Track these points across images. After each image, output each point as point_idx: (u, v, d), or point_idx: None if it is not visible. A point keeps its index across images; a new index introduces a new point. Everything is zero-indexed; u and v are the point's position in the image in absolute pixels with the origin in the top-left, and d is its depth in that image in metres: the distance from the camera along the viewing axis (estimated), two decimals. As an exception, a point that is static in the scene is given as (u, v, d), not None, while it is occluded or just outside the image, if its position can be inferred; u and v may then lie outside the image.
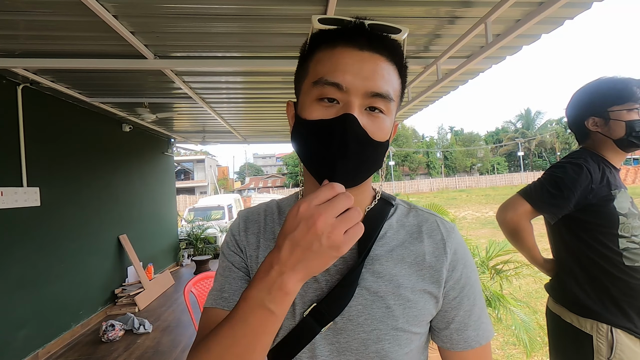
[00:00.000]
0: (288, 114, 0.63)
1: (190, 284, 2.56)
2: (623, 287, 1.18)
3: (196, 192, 35.01)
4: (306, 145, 0.55)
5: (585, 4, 2.17)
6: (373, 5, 2.27)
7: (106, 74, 3.27)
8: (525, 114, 48.02)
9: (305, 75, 0.57)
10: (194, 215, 9.78)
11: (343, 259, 0.59)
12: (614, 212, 1.20)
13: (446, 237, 0.61)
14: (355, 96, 0.51)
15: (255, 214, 0.70)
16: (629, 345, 1.15)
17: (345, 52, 0.52)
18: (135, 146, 5.72)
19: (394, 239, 0.61)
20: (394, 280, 0.58)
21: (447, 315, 0.60)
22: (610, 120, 1.25)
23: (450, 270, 0.59)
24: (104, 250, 4.69)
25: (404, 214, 0.65)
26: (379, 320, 0.56)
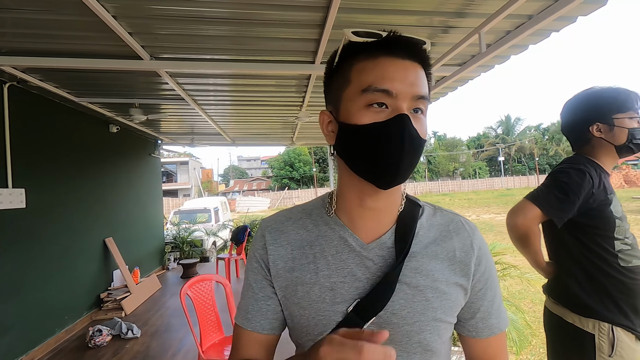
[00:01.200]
0: (322, 122, 0.66)
1: (185, 287, 2.54)
2: (620, 287, 1.25)
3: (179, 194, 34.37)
4: (360, 148, 0.58)
5: (570, 17, 2.30)
6: (369, 14, 2.32)
7: (97, 73, 3.21)
8: (506, 120, 49.44)
9: (346, 83, 0.60)
10: (180, 218, 9.63)
11: (383, 258, 0.62)
12: (610, 216, 1.27)
13: (472, 235, 0.67)
14: (404, 100, 0.56)
15: (280, 224, 0.71)
16: (628, 343, 1.22)
17: (389, 61, 0.57)
18: (122, 147, 5.61)
19: (426, 237, 0.66)
20: (430, 274, 0.62)
21: (474, 305, 0.66)
22: (614, 127, 1.32)
23: (477, 264, 0.65)
24: (90, 253, 4.58)
25: (431, 214, 0.69)
26: (420, 312, 0.60)
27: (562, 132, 1.51)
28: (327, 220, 0.67)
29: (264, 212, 24.73)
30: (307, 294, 0.63)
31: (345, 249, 0.64)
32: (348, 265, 0.63)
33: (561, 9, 1.84)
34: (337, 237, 0.65)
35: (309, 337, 0.63)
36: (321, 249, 0.65)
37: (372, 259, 0.62)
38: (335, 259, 0.64)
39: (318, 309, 0.62)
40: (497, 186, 37.93)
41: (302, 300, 0.63)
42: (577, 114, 1.41)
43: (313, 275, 0.64)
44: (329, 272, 0.63)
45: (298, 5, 2.19)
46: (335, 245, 0.65)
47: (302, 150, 40.87)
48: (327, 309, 0.61)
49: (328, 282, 0.62)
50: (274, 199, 34.02)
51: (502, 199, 24.34)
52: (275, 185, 41.97)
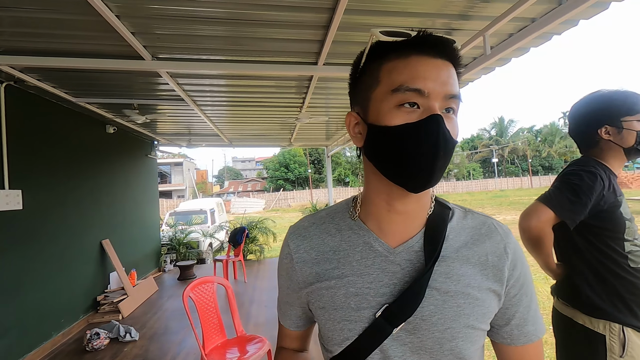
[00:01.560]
0: (348, 124, 0.64)
1: (188, 289, 2.51)
2: (630, 287, 1.26)
3: (173, 195, 34.14)
4: (391, 150, 0.57)
5: (573, 21, 2.32)
6: (373, 15, 2.33)
7: (96, 73, 3.18)
8: (499, 122, 49.85)
9: (375, 84, 0.58)
10: (175, 220, 9.55)
11: (411, 262, 0.61)
12: (620, 217, 1.28)
13: (505, 238, 0.64)
14: (436, 100, 0.55)
15: (303, 229, 0.71)
16: (637, 342, 1.23)
17: (421, 60, 0.55)
18: (118, 148, 5.55)
19: (457, 241, 0.64)
20: (462, 280, 0.60)
21: (508, 311, 0.63)
22: (623, 129, 1.33)
23: (511, 269, 0.62)
24: (87, 255, 4.52)
25: (461, 217, 0.67)
26: (452, 319, 0.58)
27: (569, 135, 1.51)
28: (351, 224, 0.66)
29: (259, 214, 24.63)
30: (331, 299, 0.63)
31: (371, 254, 0.63)
32: (374, 270, 0.62)
33: (566, 12, 1.85)
34: (362, 243, 0.64)
35: (334, 342, 0.62)
36: (345, 254, 0.64)
37: (400, 264, 0.61)
38: (360, 264, 0.63)
39: (343, 314, 0.61)
40: (491, 187, 38.22)
41: (327, 305, 0.63)
42: (586, 116, 1.42)
43: (338, 281, 0.63)
44: (354, 277, 0.62)
45: (304, 7, 2.19)
46: (360, 250, 0.64)
47: (297, 152, 40.82)
48: (352, 314, 0.60)
49: (353, 287, 0.61)
50: (269, 200, 33.90)
51: (496, 200, 24.53)
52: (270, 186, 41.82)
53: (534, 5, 2.08)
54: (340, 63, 3.03)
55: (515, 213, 16.24)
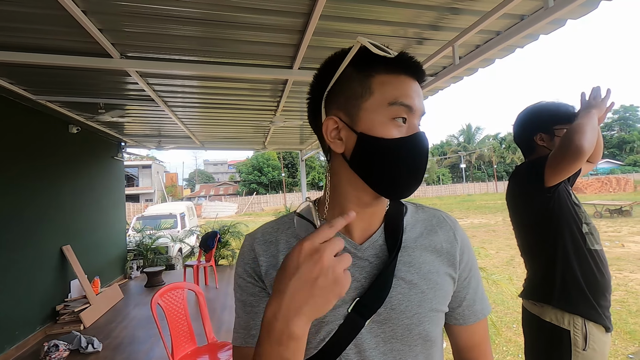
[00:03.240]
0: (326, 130, 0.63)
1: (157, 296, 2.42)
2: (589, 274, 1.36)
3: (141, 199, 32.90)
4: (383, 161, 0.59)
5: (534, 35, 2.47)
6: (348, 22, 2.38)
7: (60, 70, 3.02)
8: (467, 129, 51.93)
9: (367, 94, 0.60)
10: (143, 224, 9.18)
11: (377, 256, 0.64)
12: (571, 201, 1.42)
13: (454, 228, 0.72)
14: (418, 117, 0.62)
15: (268, 235, 0.69)
16: (599, 336, 1.33)
17: (409, 80, 0.62)
18: (82, 149, 5.29)
19: (413, 232, 0.69)
20: (423, 267, 0.65)
21: (460, 294, 0.69)
22: (555, 136, 1.46)
23: (461, 254, 0.69)
24: (45, 262, 4.25)
25: (414, 211, 0.73)
26: (418, 304, 0.62)
27: (514, 142, 1.64)
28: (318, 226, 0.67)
29: (232, 218, 24.19)
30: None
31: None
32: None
33: (527, 27, 1.97)
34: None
35: (310, 346, 0.61)
36: None
37: (368, 259, 0.64)
38: None
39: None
40: (459, 192, 39.64)
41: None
42: (524, 125, 1.57)
43: None
44: None
45: (279, 11, 2.19)
46: None
47: (271, 155, 40.52)
48: (327, 314, 0.59)
49: None
50: (241, 204, 33.37)
51: (464, 204, 25.47)
52: (243, 190, 41.21)
53: (498, 19, 2.20)
54: (316, 68, 3.03)
55: (481, 217, 16.91)
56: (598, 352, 1.32)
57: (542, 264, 1.46)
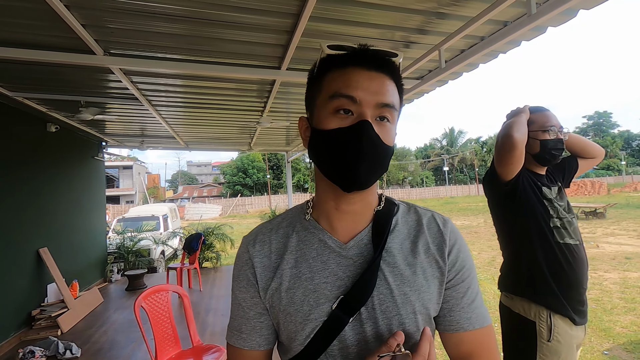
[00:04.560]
0: (300, 127, 0.70)
1: (140, 299, 2.37)
2: (556, 266, 1.42)
3: (121, 201, 32.09)
4: (326, 152, 0.62)
5: (516, 41, 2.55)
6: (337, 24, 2.40)
7: (39, 66, 2.92)
8: (450, 133, 52.93)
9: (319, 92, 0.64)
10: (124, 226, 8.95)
11: (361, 255, 0.64)
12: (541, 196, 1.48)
13: (443, 228, 0.69)
14: (367, 107, 0.59)
15: (262, 235, 0.71)
16: (565, 328, 1.38)
17: (356, 71, 0.60)
18: (61, 149, 5.12)
19: (401, 233, 0.68)
20: (407, 268, 0.64)
21: (447, 298, 0.66)
22: (529, 138, 1.51)
23: (450, 257, 0.66)
24: (20, 266, 4.08)
25: (405, 212, 0.72)
26: (400, 306, 0.62)
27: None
28: (306, 225, 0.69)
29: (216, 220, 23.86)
30: (291, 299, 0.64)
31: (326, 251, 0.65)
32: (329, 265, 0.64)
33: (510, 34, 2.03)
34: (317, 240, 0.67)
35: (297, 342, 0.63)
36: (302, 253, 0.66)
37: (352, 258, 0.64)
38: (317, 261, 0.65)
39: (304, 312, 0.62)
40: (442, 194, 40.34)
41: (288, 307, 0.64)
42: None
43: (296, 280, 0.64)
44: (311, 274, 0.64)
45: (268, 11, 2.19)
46: (316, 248, 0.66)
47: (255, 157, 40.22)
48: (311, 311, 0.62)
49: (311, 284, 0.63)
50: (225, 206, 32.97)
51: (447, 206, 25.93)
52: (227, 191, 40.75)
53: (483, 25, 2.26)
54: (304, 69, 3.06)
55: (464, 219, 17.25)
56: (563, 344, 1.37)
57: (510, 255, 1.55)
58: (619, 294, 5.55)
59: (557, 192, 1.54)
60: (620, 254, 8.07)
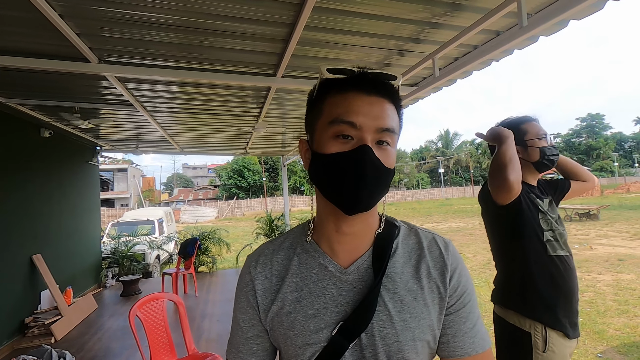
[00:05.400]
0: (301, 150, 0.71)
1: (135, 308, 2.36)
2: (550, 281, 1.43)
3: (116, 204, 31.84)
4: (327, 176, 0.62)
5: (509, 50, 2.58)
6: (332, 33, 2.41)
7: (32, 73, 2.91)
8: (445, 135, 53.24)
9: (319, 115, 0.64)
10: (119, 231, 8.88)
11: (361, 280, 0.64)
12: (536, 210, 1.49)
13: (444, 252, 0.68)
14: (368, 132, 0.60)
15: (264, 256, 0.72)
16: (559, 340, 1.40)
17: (356, 96, 0.61)
18: (55, 154, 5.08)
19: (402, 256, 0.68)
20: (408, 294, 0.64)
21: (447, 323, 0.65)
22: (528, 147, 1.55)
23: (452, 282, 0.66)
24: (13, 273, 4.04)
25: (406, 234, 0.71)
26: (400, 332, 0.61)
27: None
28: (307, 247, 0.69)
29: (211, 223, 23.76)
30: (291, 324, 0.64)
31: (326, 275, 0.66)
32: (329, 291, 0.65)
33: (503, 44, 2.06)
34: (317, 264, 0.67)
35: None
36: (303, 277, 0.67)
37: (352, 283, 0.64)
38: (317, 285, 0.65)
39: (304, 337, 0.63)
40: (438, 196, 40.49)
41: (288, 331, 0.64)
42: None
43: (297, 305, 0.65)
44: (312, 299, 0.65)
45: (263, 20, 2.20)
46: (316, 272, 0.66)
47: (251, 159, 40.13)
48: (312, 337, 0.62)
49: (311, 309, 0.64)
50: (221, 209, 32.84)
51: (442, 208, 26.04)
52: (223, 194, 40.58)
53: (476, 35, 2.28)
54: (300, 76, 3.08)
55: (459, 221, 17.34)
56: (557, 355, 1.40)
57: (504, 269, 1.56)
58: (612, 296, 5.60)
59: (548, 204, 1.56)
60: (614, 255, 8.16)
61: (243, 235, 13.72)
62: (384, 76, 0.65)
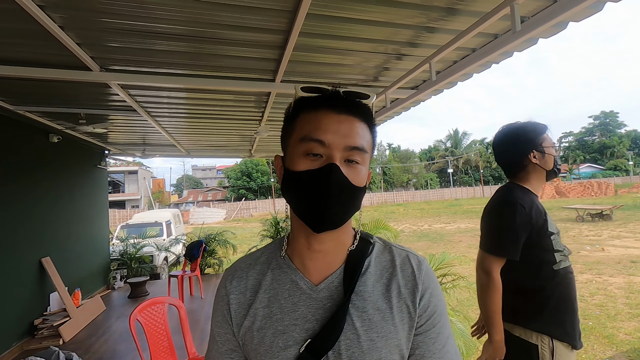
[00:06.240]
0: (276, 165, 0.71)
1: (136, 312, 2.39)
2: (557, 296, 1.42)
3: (127, 205, 32.33)
4: (296, 193, 0.63)
5: (508, 52, 2.55)
6: (327, 39, 2.42)
7: (38, 82, 2.98)
8: (454, 135, 52.75)
9: (291, 132, 0.66)
10: (127, 233, 9.02)
11: (331, 298, 0.64)
12: (547, 232, 1.45)
13: (417, 271, 0.68)
14: (336, 150, 0.61)
15: (239, 271, 0.73)
16: (565, 351, 1.39)
17: (326, 114, 0.62)
18: (64, 158, 5.19)
19: (373, 275, 0.67)
20: (376, 314, 0.64)
21: (415, 342, 0.65)
22: (545, 154, 1.53)
23: (420, 298, 0.65)
24: (22, 276, 4.14)
25: (380, 252, 0.71)
26: (366, 352, 0.61)
27: (497, 162, 1.67)
28: (281, 263, 0.70)
29: (220, 224, 23.96)
30: (262, 339, 0.65)
31: (297, 292, 0.66)
32: (299, 307, 0.65)
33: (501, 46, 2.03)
34: (289, 281, 0.67)
35: None
36: (275, 292, 0.67)
37: (322, 300, 0.65)
38: (288, 302, 0.66)
39: (272, 354, 0.63)
40: (447, 196, 40.10)
41: (258, 347, 0.65)
42: (515, 144, 1.59)
43: (267, 320, 0.66)
44: (282, 315, 0.65)
45: (260, 28, 2.22)
46: (288, 288, 0.67)
47: (259, 161, 40.33)
48: (280, 353, 0.63)
49: (281, 325, 0.64)
50: (230, 210, 33.09)
51: (451, 208, 25.77)
52: (231, 195, 40.88)
53: (473, 38, 2.26)
54: (297, 81, 3.09)
55: (468, 221, 17.15)
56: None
57: (509, 285, 1.50)
58: (623, 299, 5.48)
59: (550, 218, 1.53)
60: (626, 257, 7.98)
61: (251, 237, 13.81)
62: (356, 95, 0.65)
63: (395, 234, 5.36)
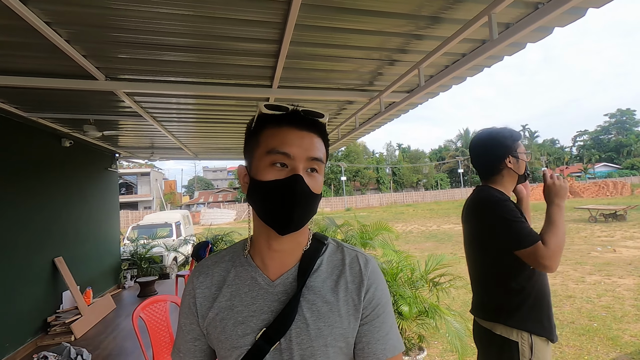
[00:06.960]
0: (240, 175, 0.79)
1: (138, 309, 2.51)
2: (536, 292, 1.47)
3: (139, 207, 32.98)
4: (263, 200, 0.71)
5: (498, 56, 2.59)
6: (318, 47, 2.50)
7: (47, 91, 3.13)
8: (464, 134, 52.17)
9: (257, 145, 0.73)
10: (138, 233, 9.27)
11: (286, 292, 0.74)
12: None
13: (363, 268, 0.78)
14: (300, 161, 0.70)
15: (206, 268, 0.81)
16: (543, 345, 1.45)
17: (290, 130, 0.71)
18: (75, 162, 5.40)
19: (324, 272, 0.77)
20: (324, 306, 0.73)
21: (361, 331, 0.74)
22: (519, 159, 1.59)
23: (365, 292, 0.75)
24: (36, 274, 4.33)
25: (333, 252, 0.81)
26: (313, 339, 0.71)
27: (473, 164, 1.72)
28: (243, 261, 0.79)
29: (230, 225, 24.24)
30: (223, 329, 0.74)
31: (256, 287, 0.75)
32: (257, 301, 0.74)
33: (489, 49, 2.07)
34: (250, 277, 0.76)
35: None
36: (237, 288, 0.76)
37: (277, 294, 0.74)
38: (248, 296, 0.75)
39: (232, 341, 0.72)
40: (458, 197, 39.69)
41: (220, 335, 0.74)
42: (493, 149, 1.64)
43: (229, 312, 0.75)
44: (242, 307, 0.74)
45: (254, 39, 2.33)
46: (248, 284, 0.76)
47: (269, 162, 40.50)
48: (239, 340, 0.72)
49: (241, 316, 0.73)
50: (240, 211, 33.44)
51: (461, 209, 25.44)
52: (242, 196, 41.26)
53: (460, 44, 2.32)
54: (292, 86, 3.21)
55: (477, 222, 16.91)
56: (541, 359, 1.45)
57: (489, 283, 1.56)
58: (631, 301, 5.39)
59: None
60: (638, 258, 7.82)
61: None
62: (313, 114, 0.74)
63: (396, 235, 5.39)
